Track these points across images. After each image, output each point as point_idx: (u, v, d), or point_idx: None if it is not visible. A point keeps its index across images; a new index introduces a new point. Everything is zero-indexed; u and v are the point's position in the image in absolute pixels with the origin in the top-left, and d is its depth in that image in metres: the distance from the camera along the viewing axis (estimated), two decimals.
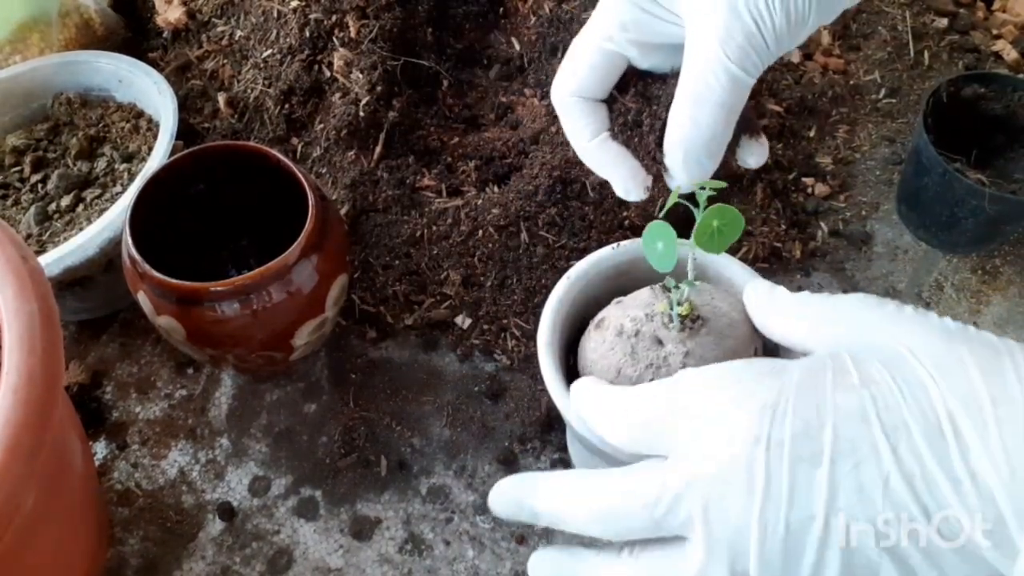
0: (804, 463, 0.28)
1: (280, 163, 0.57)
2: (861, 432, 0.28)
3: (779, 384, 0.30)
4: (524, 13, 0.79)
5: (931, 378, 0.29)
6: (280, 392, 0.65)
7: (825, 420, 0.29)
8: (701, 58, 0.37)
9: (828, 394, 0.29)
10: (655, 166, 0.42)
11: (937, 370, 0.29)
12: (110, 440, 0.62)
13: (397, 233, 0.68)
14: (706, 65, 0.36)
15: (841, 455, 0.28)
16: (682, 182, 0.40)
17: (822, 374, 0.30)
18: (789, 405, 0.29)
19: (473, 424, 0.62)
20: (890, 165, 0.79)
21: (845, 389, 0.29)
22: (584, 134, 0.43)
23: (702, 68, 0.37)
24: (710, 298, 0.43)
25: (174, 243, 0.59)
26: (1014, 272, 0.72)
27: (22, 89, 0.72)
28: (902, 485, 0.28)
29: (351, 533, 0.57)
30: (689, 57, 0.37)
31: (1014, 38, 0.88)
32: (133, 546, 0.57)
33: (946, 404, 0.28)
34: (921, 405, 0.28)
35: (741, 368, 0.33)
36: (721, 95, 0.37)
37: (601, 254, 0.50)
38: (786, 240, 0.72)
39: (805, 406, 0.29)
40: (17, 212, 0.66)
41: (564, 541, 0.56)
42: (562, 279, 0.49)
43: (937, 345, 0.30)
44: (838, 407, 0.29)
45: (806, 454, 0.29)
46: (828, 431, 0.28)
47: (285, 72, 0.73)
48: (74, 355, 0.67)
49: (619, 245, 0.50)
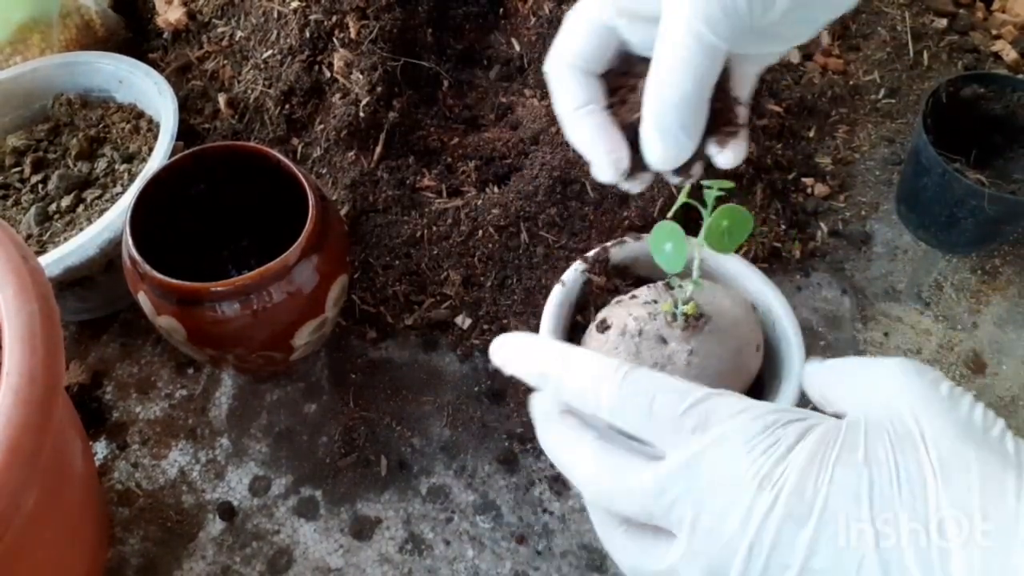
0: (791, 520, 0.30)
1: (280, 163, 0.57)
2: (850, 509, 0.29)
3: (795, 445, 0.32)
4: (524, 14, 0.79)
5: (932, 476, 0.29)
6: (280, 392, 0.65)
7: (820, 488, 0.30)
8: (670, 19, 0.36)
9: (830, 465, 0.30)
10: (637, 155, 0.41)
11: (941, 470, 0.29)
12: (110, 440, 0.62)
13: (397, 233, 0.68)
14: (674, 25, 0.35)
15: (825, 524, 0.29)
16: (659, 159, 0.38)
17: (832, 444, 0.31)
18: (796, 462, 0.31)
19: (473, 424, 0.62)
20: (890, 165, 0.79)
21: (846, 465, 0.30)
22: (569, 102, 0.41)
23: (669, 28, 0.36)
24: (712, 296, 0.43)
25: (174, 243, 0.59)
26: (1013, 272, 0.72)
27: (23, 90, 0.72)
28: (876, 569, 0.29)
29: (351, 533, 0.58)
30: (663, 20, 0.36)
31: (1013, 38, 0.88)
32: (133, 546, 0.57)
33: (939, 506, 0.29)
34: (915, 500, 0.29)
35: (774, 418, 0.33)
36: (688, 57, 0.35)
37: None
38: (786, 240, 0.72)
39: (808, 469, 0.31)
40: (17, 212, 0.66)
41: (566, 545, 0.57)
42: (556, 286, 0.49)
43: (950, 442, 0.30)
44: (834, 480, 0.30)
45: (796, 512, 0.30)
46: (820, 499, 0.30)
47: (285, 73, 0.73)
48: (74, 355, 0.67)
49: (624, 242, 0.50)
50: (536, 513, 0.58)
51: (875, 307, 0.70)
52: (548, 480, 0.60)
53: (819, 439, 0.31)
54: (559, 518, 0.58)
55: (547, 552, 0.56)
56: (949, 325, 0.69)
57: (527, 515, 0.58)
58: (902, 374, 0.34)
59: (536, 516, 0.58)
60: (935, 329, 0.69)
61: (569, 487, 0.59)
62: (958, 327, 0.69)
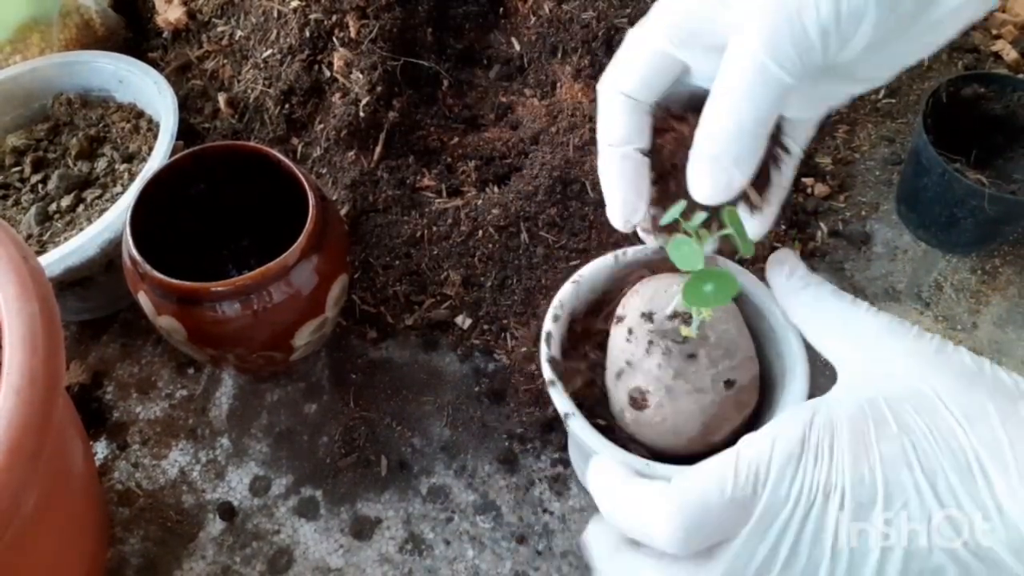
0: (863, 508, 0.32)
1: (280, 163, 0.57)
2: (905, 476, 0.32)
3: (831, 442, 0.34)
4: (524, 13, 0.79)
5: (959, 426, 0.33)
6: (281, 392, 0.65)
7: (875, 468, 0.32)
8: (735, 49, 0.34)
9: (874, 445, 0.33)
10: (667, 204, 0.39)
11: (965, 419, 0.33)
12: (111, 440, 0.62)
13: (397, 233, 0.68)
14: (738, 55, 0.33)
15: (891, 496, 0.32)
16: (705, 192, 0.36)
17: (866, 427, 0.34)
18: (845, 460, 0.33)
19: (473, 424, 0.62)
20: (889, 165, 0.79)
21: (887, 439, 0.33)
22: (610, 134, 0.40)
23: (734, 58, 0.34)
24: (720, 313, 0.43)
25: (175, 243, 0.59)
26: (1013, 272, 0.72)
27: (23, 89, 0.72)
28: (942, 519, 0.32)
29: (351, 533, 0.58)
30: (728, 50, 0.34)
31: (1014, 38, 0.88)
32: (134, 546, 0.57)
33: (974, 448, 0.32)
34: (953, 450, 0.32)
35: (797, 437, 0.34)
36: (749, 89, 0.33)
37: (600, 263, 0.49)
38: (786, 240, 0.72)
39: (857, 459, 0.33)
40: (18, 212, 0.66)
41: (566, 545, 0.57)
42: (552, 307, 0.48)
43: (962, 392, 0.34)
44: (883, 456, 0.32)
45: (864, 499, 0.32)
46: (879, 478, 0.32)
47: (285, 72, 0.73)
48: (75, 355, 0.67)
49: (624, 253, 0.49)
50: (536, 513, 0.58)
51: (875, 307, 0.70)
52: (548, 480, 0.60)
53: (853, 436, 0.33)
54: (559, 518, 0.58)
55: (547, 552, 0.56)
56: (949, 325, 0.69)
57: (527, 515, 0.58)
58: (891, 335, 0.37)
59: (536, 516, 0.58)
60: (935, 329, 0.69)
61: (569, 487, 0.59)
62: (958, 327, 0.69)
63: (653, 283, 0.45)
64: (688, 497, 0.33)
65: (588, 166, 0.68)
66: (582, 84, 0.73)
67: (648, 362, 0.42)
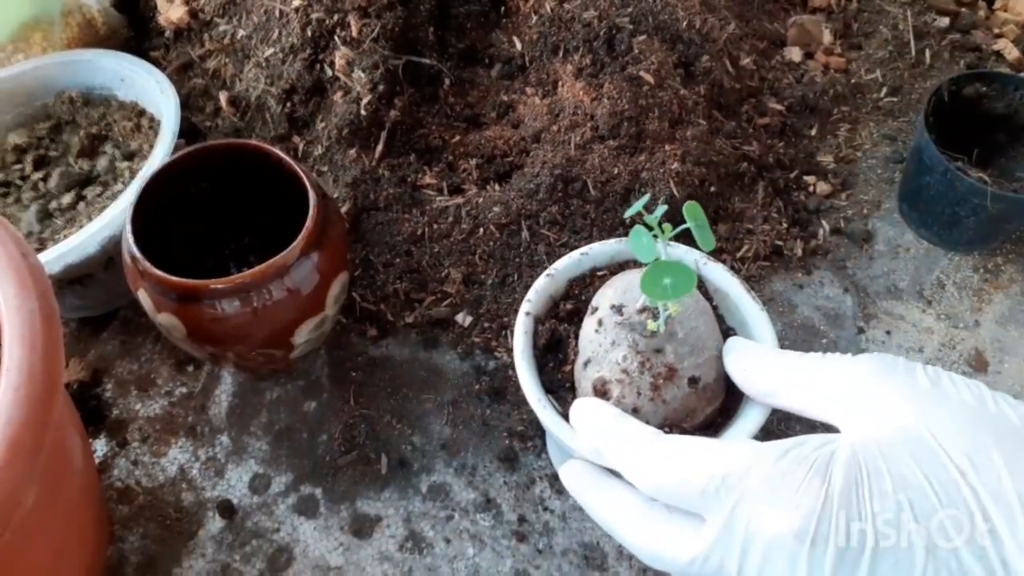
0: (846, 562, 0.30)
1: (282, 161, 0.57)
2: (894, 535, 0.30)
3: (823, 490, 0.32)
4: (525, 12, 0.79)
5: (961, 475, 0.30)
6: (280, 390, 0.65)
7: (865, 527, 0.30)
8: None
9: (867, 503, 0.31)
10: None
11: (968, 465, 0.30)
12: (110, 438, 0.62)
13: (398, 231, 0.68)
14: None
15: (881, 556, 0.30)
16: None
17: (861, 480, 0.31)
18: (833, 512, 0.31)
19: (473, 422, 0.62)
20: (891, 164, 0.79)
21: (881, 496, 0.31)
22: None
23: None
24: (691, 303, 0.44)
25: (175, 241, 0.59)
26: (1016, 270, 0.72)
27: (25, 88, 0.72)
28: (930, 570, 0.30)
29: (351, 531, 0.58)
30: None
31: (1015, 37, 0.88)
32: (133, 543, 0.57)
33: (979, 500, 0.30)
34: (955, 503, 0.30)
35: (791, 466, 0.33)
36: None
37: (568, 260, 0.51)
38: (787, 238, 0.72)
39: (847, 516, 0.31)
40: (18, 210, 0.66)
41: (566, 543, 0.57)
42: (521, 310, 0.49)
43: (962, 433, 0.31)
44: (875, 515, 0.30)
45: (849, 556, 0.30)
46: (869, 538, 0.30)
47: (287, 71, 0.73)
48: (74, 353, 0.67)
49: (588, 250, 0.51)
50: (536, 511, 0.58)
51: (877, 305, 0.70)
52: (548, 478, 0.59)
53: (845, 486, 0.31)
54: (559, 516, 0.58)
55: (547, 550, 0.56)
56: (951, 323, 0.69)
57: (527, 513, 0.58)
58: (875, 376, 0.35)
59: (536, 514, 0.58)
60: (937, 327, 0.68)
61: None
62: (960, 325, 0.69)
63: (628, 276, 0.45)
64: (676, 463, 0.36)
65: (589, 164, 0.68)
66: (583, 83, 0.73)
67: (614, 354, 0.42)
